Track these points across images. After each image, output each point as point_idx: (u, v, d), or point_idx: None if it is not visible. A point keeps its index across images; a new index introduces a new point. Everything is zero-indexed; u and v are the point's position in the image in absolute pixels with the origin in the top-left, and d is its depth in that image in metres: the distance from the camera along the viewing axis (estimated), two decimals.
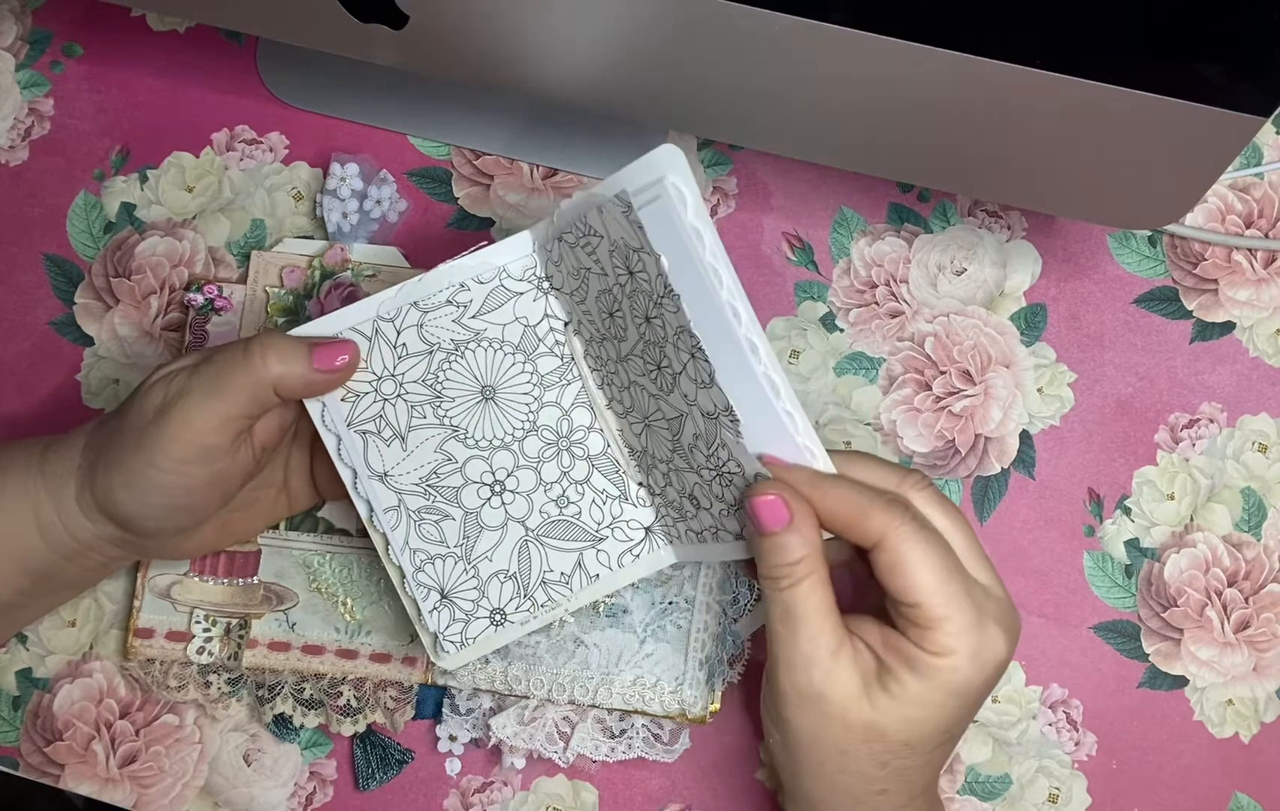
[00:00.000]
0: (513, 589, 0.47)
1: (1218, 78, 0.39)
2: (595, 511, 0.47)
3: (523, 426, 0.47)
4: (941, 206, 0.57)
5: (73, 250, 0.57)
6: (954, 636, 0.40)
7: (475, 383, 0.46)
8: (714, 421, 0.42)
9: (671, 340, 0.42)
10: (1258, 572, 0.54)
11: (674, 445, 0.44)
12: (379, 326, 0.45)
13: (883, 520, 0.40)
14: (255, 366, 0.42)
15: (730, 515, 0.43)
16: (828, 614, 0.40)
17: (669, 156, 0.39)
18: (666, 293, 0.40)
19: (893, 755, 0.41)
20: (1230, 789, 0.53)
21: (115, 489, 0.43)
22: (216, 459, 0.43)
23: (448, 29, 0.46)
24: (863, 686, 0.40)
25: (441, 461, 0.46)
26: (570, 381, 0.47)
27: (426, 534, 0.47)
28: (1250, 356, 0.56)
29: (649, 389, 0.44)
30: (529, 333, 0.46)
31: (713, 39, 0.43)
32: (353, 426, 0.46)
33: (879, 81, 0.42)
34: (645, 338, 0.43)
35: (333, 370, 0.44)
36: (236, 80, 0.58)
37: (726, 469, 0.42)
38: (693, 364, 0.41)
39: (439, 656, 0.47)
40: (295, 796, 0.53)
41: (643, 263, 0.41)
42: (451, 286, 0.45)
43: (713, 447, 0.42)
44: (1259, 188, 0.57)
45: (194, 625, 0.51)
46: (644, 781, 0.53)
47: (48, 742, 0.53)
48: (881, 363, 0.56)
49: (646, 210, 0.40)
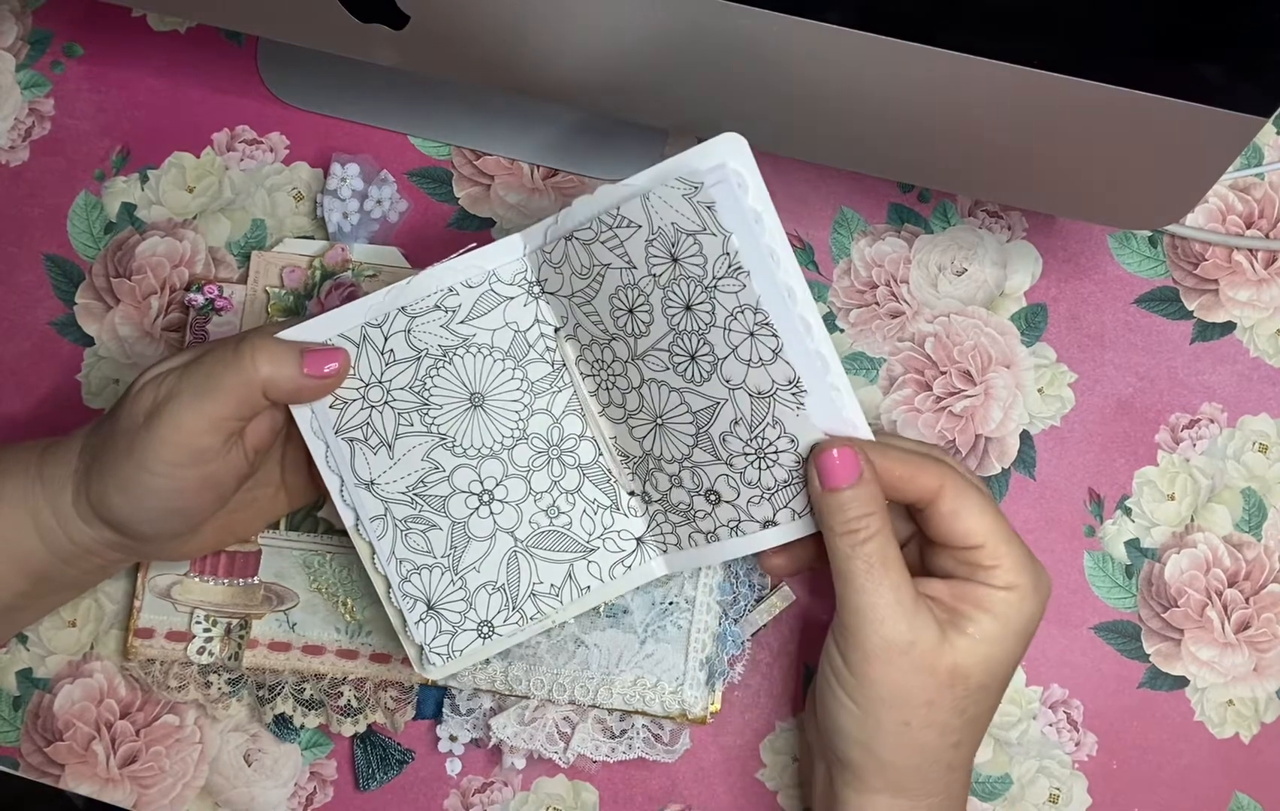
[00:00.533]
0: (501, 601, 0.47)
1: (1218, 78, 0.39)
2: (586, 522, 0.47)
3: (512, 434, 0.46)
4: (941, 206, 0.57)
5: (73, 250, 0.57)
6: (1016, 571, 0.43)
7: (464, 389, 0.46)
8: (767, 399, 0.42)
9: (723, 323, 0.42)
10: (1258, 573, 0.54)
11: (695, 439, 0.44)
12: (366, 332, 0.45)
13: (938, 472, 0.43)
14: (245, 367, 0.42)
15: (762, 500, 0.44)
16: (905, 567, 0.43)
17: (732, 143, 0.41)
18: (730, 272, 0.41)
19: (971, 700, 0.43)
20: (1230, 789, 0.53)
21: (109, 494, 0.43)
22: (208, 461, 0.43)
23: (448, 29, 0.46)
24: (942, 633, 0.42)
25: (429, 470, 0.46)
26: (561, 388, 0.46)
27: (413, 543, 0.46)
28: (1251, 356, 0.56)
29: (673, 382, 0.44)
30: (519, 338, 0.46)
31: (712, 39, 0.43)
32: (340, 433, 0.45)
33: (879, 81, 0.42)
34: (680, 327, 0.43)
35: (323, 376, 0.43)
36: (237, 80, 0.58)
37: (775, 447, 0.43)
38: (750, 343, 0.42)
39: (425, 667, 0.47)
40: (295, 796, 0.53)
41: (697, 246, 0.42)
42: (440, 291, 0.45)
43: (757, 428, 0.43)
44: (1259, 188, 0.57)
45: (194, 625, 0.52)
46: (644, 781, 0.53)
47: (48, 742, 0.53)
48: (882, 363, 0.56)
49: (715, 190, 0.41)
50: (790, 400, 0.42)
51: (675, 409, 0.44)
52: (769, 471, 0.43)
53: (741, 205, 0.41)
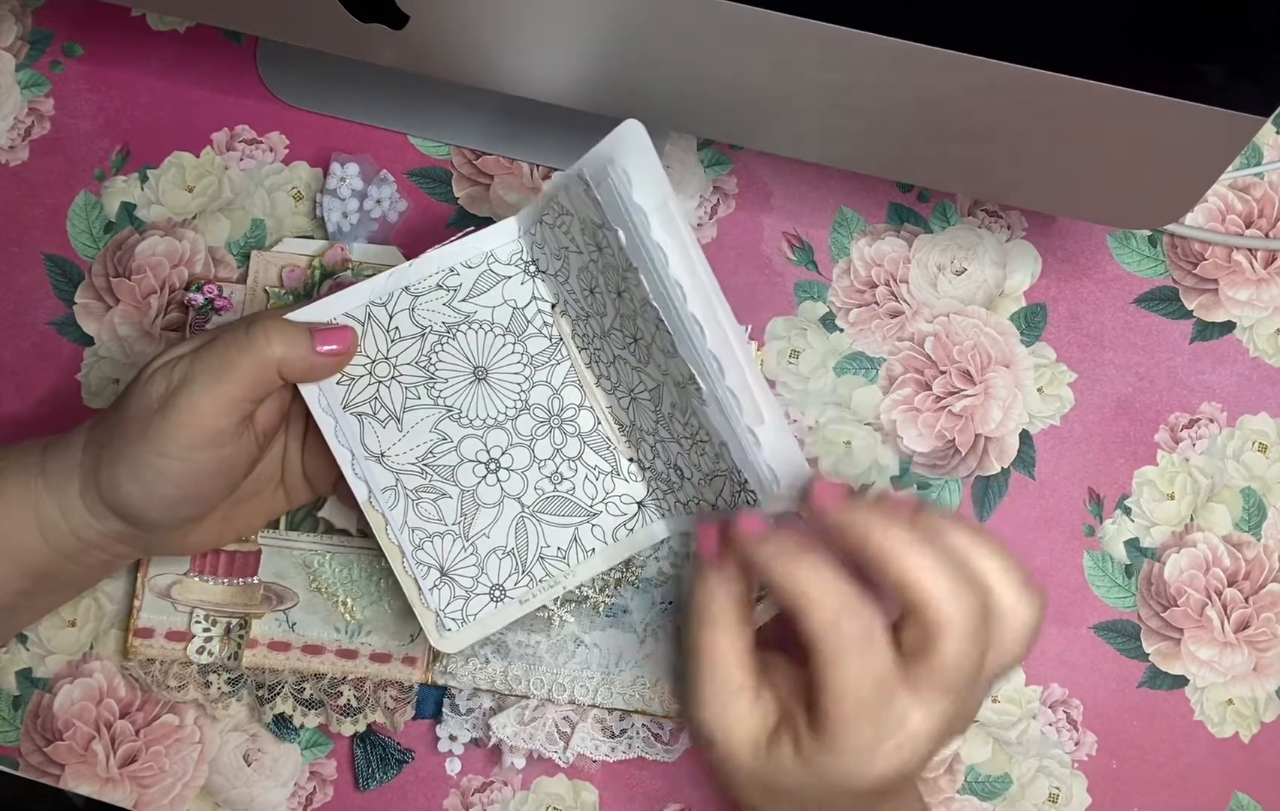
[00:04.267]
0: (511, 564, 0.48)
1: (1218, 78, 0.39)
2: (589, 487, 0.48)
3: (515, 406, 0.48)
4: (941, 206, 0.57)
5: (73, 250, 0.57)
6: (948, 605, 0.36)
7: (467, 364, 0.47)
8: (684, 390, 0.43)
9: (639, 312, 0.43)
10: (1258, 572, 0.54)
11: (657, 416, 0.45)
12: (372, 311, 0.46)
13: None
14: (259, 347, 0.43)
15: (707, 484, 0.44)
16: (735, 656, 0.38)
17: (630, 133, 0.40)
18: (629, 266, 0.42)
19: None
20: (1230, 788, 0.53)
21: (121, 481, 0.43)
22: (223, 444, 0.43)
23: (448, 29, 0.46)
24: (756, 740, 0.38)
25: (437, 441, 0.47)
26: (559, 361, 0.48)
27: (424, 512, 0.47)
28: (1250, 356, 0.56)
29: (630, 361, 0.45)
30: (518, 314, 0.47)
31: (713, 39, 0.43)
32: (348, 409, 0.46)
33: (879, 81, 0.42)
34: (620, 311, 0.44)
35: (334, 353, 0.45)
36: (236, 80, 0.58)
37: (699, 438, 0.43)
38: (658, 334, 0.42)
39: (441, 637, 0.47)
40: (295, 796, 0.53)
41: (607, 238, 0.42)
42: (441, 271, 0.47)
43: (687, 416, 0.44)
44: (1259, 187, 0.57)
45: (194, 625, 0.52)
46: (644, 781, 0.53)
47: (48, 742, 0.53)
48: (881, 362, 0.56)
49: (602, 188, 0.41)
50: (696, 394, 0.42)
51: (638, 386, 0.46)
52: (704, 458, 0.44)
53: (624, 201, 0.41)
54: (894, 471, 0.55)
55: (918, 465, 0.55)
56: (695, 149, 0.57)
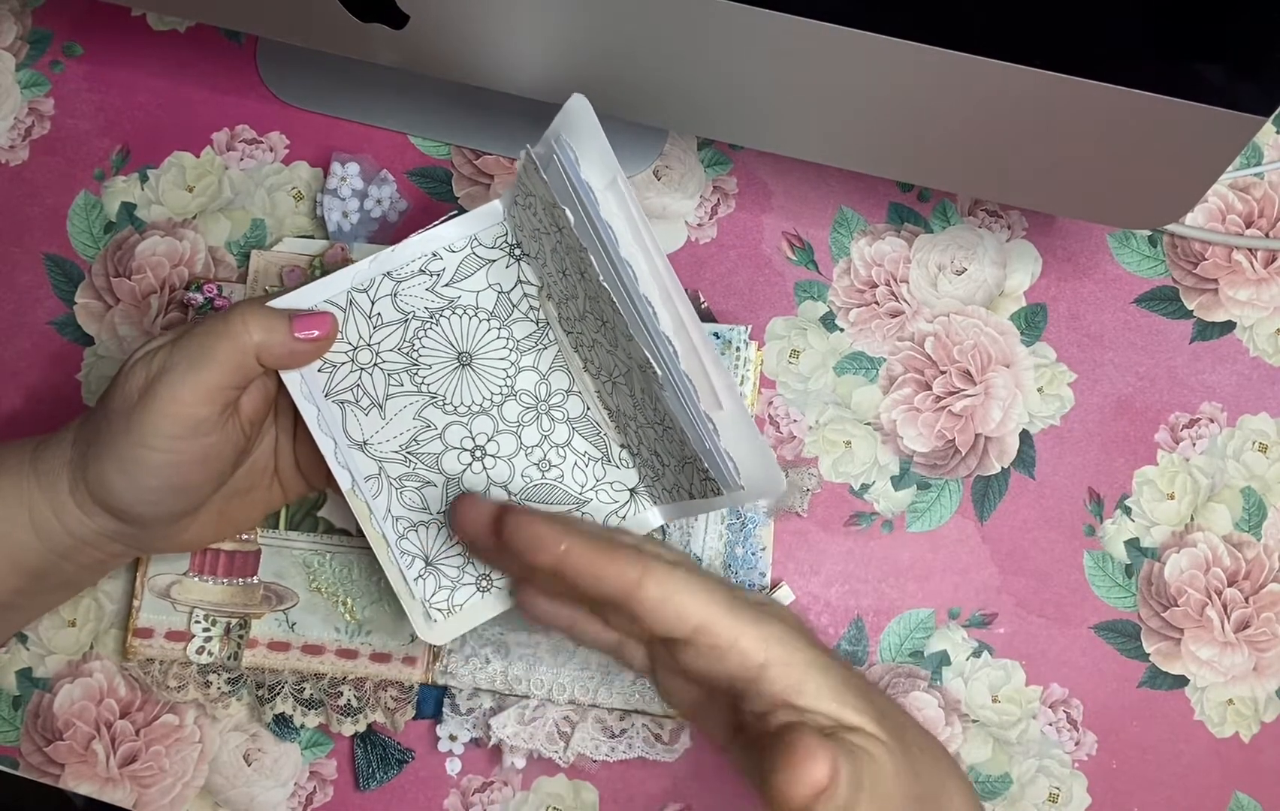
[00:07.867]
0: None
1: (1218, 77, 0.39)
2: (578, 474, 0.48)
3: (501, 391, 0.47)
4: (941, 206, 0.57)
5: (73, 250, 0.57)
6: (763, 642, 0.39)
7: (451, 349, 0.47)
8: (646, 374, 0.42)
9: (599, 293, 0.42)
10: (1258, 572, 0.54)
11: (634, 401, 0.45)
12: (353, 297, 0.46)
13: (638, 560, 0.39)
14: (237, 334, 0.43)
15: (681, 471, 0.44)
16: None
17: (576, 109, 0.40)
18: (580, 248, 0.41)
19: None
20: (1230, 788, 0.53)
21: (108, 476, 0.43)
22: (206, 432, 0.43)
23: (447, 29, 0.46)
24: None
25: (420, 428, 0.47)
26: (547, 345, 0.47)
27: (409, 501, 0.47)
28: (1250, 356, 0.56)
29: (604, 344, 0.45)
30: (503, 299, 0.47)
31: (713, 39, 0.43)
32: (330, 396, 0.46)
33: (879, 81, 0.42)
34: (587, 293, 0.44)
35: (313, 339, 0.44)
36: (236, 80, 0.58)
37: (665, 423, 0.43)
38: (615, 316, 0.42)
39: (429, 629, 0.47)
40: (295, 796, 0.53)
41: (562, 216, 0.42)
42: (424, 256, 0.46)
43: (655, 401, 0.43)
44: (1259, 187, 0.57)
45: (194, 625, 0.51)
46: (644, 781, 0.53)
47: (48, 742, 0.53)
48: (881, 362, 0.56)
49: (549, 168, 0.41)
50: (656, 381, 0.42)
51: (615, 369, 0.45)
52: (674, 445, 0.43)
53: (571, 179, 0.40)
54: (894, 471, 0.55)
55: (918, 465, 0.55)
56: (695, 149, 0.57)
